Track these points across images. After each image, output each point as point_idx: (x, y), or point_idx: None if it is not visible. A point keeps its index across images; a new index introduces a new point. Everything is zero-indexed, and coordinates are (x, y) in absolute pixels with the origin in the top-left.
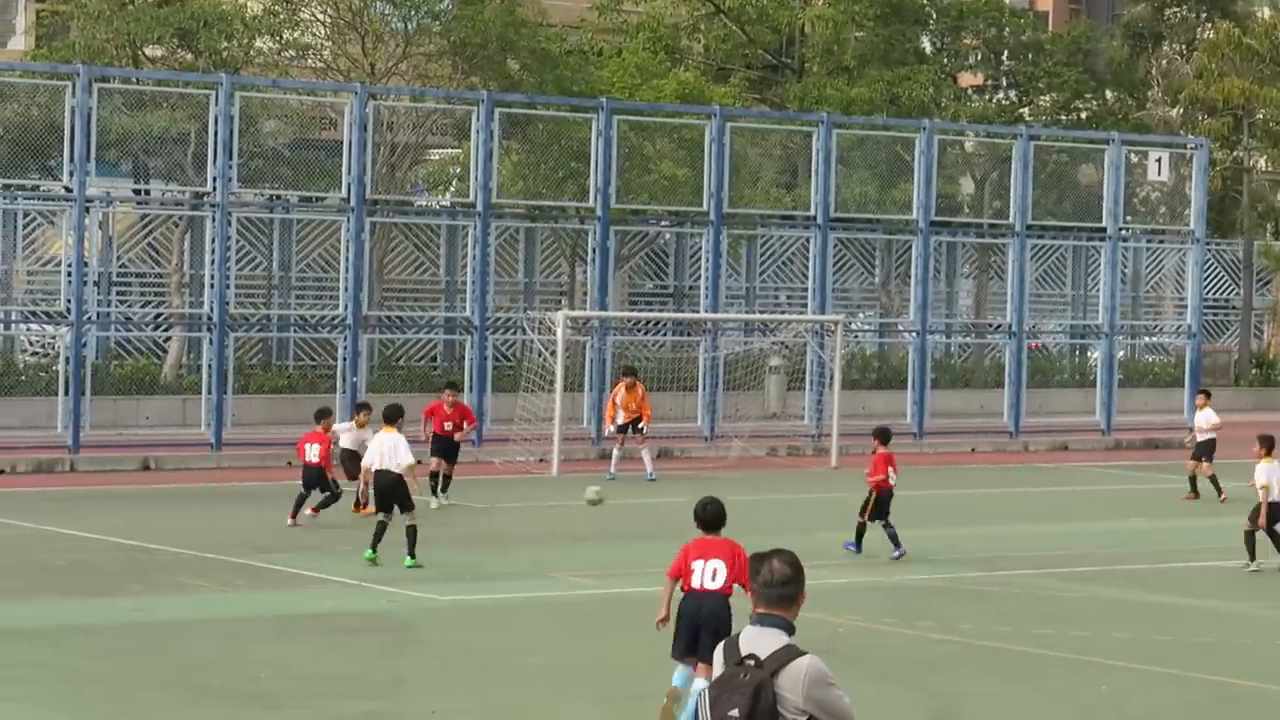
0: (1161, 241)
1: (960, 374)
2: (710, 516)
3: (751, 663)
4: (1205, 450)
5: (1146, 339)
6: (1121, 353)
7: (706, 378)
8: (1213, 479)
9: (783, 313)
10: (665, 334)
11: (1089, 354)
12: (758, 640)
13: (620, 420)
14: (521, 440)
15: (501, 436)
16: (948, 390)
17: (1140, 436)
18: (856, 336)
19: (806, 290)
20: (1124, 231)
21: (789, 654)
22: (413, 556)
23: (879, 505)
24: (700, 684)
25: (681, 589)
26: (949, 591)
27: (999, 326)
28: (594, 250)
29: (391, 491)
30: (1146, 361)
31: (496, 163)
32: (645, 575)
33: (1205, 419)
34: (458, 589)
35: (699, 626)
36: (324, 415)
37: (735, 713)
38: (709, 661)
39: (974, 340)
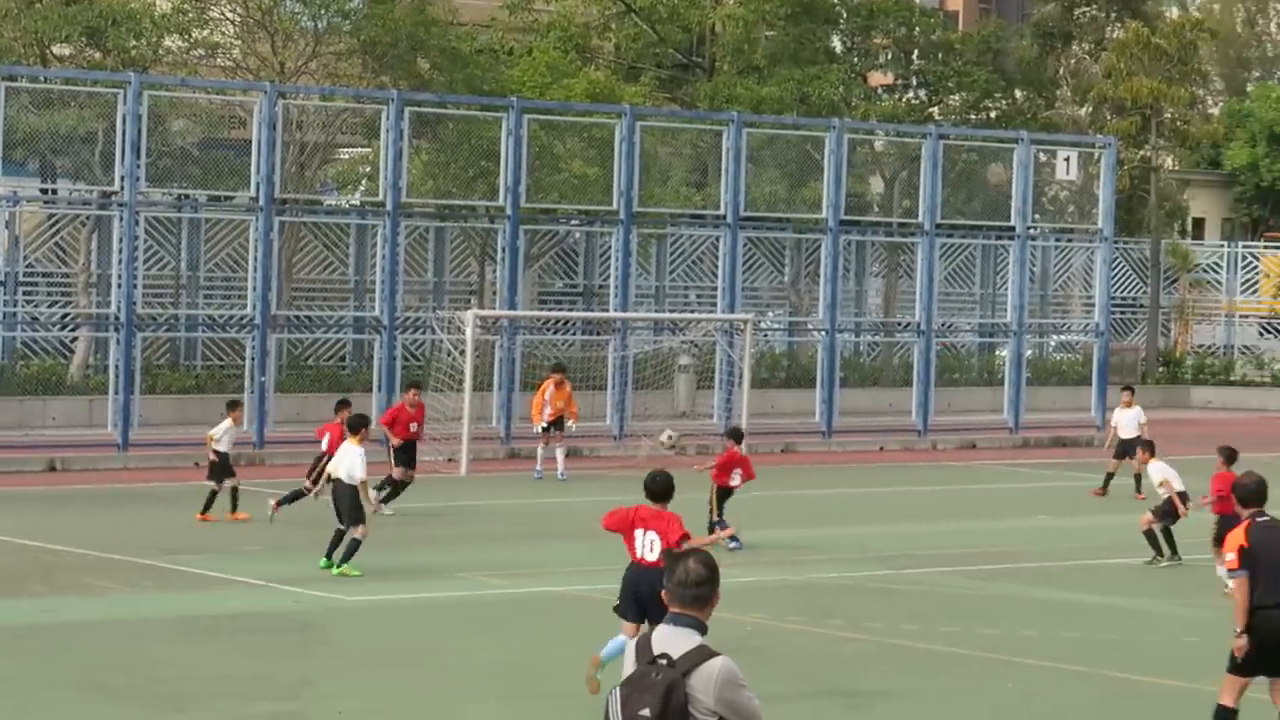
0: (1069, 240)
1: (869, 372)
2: (658, 488)
3: (664, 662)
4: (1130, 448)
5: (1054, 337)
6: (1030, 351)
7: (616, 377)
8: (1137, 477)
9: (692, 311)
10: (575, 333)
11: (997, 352)
12: (671, 640)
13: (548, 417)
14: (430, 440)
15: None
16: (857, 389)
17: (1048, 434)
18: (766, 335)
19: (716, 289)
20: (1032, 230)
21: (702, 654)
22: (340, 565)
23: (719, 500)
24: (622, 640)
25: (628, 553)
26: (857, 590)
27: (908, 325)
28: (504, 249)
29: (345, 502)
30: (1054, 360)
31: (406, 162)
32: (554, 575)
33: (1132, 417)
34: (365, 589)
35: (643, 596)
36: (344, 406)
37: (646, 712)
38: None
39: (883, 339)
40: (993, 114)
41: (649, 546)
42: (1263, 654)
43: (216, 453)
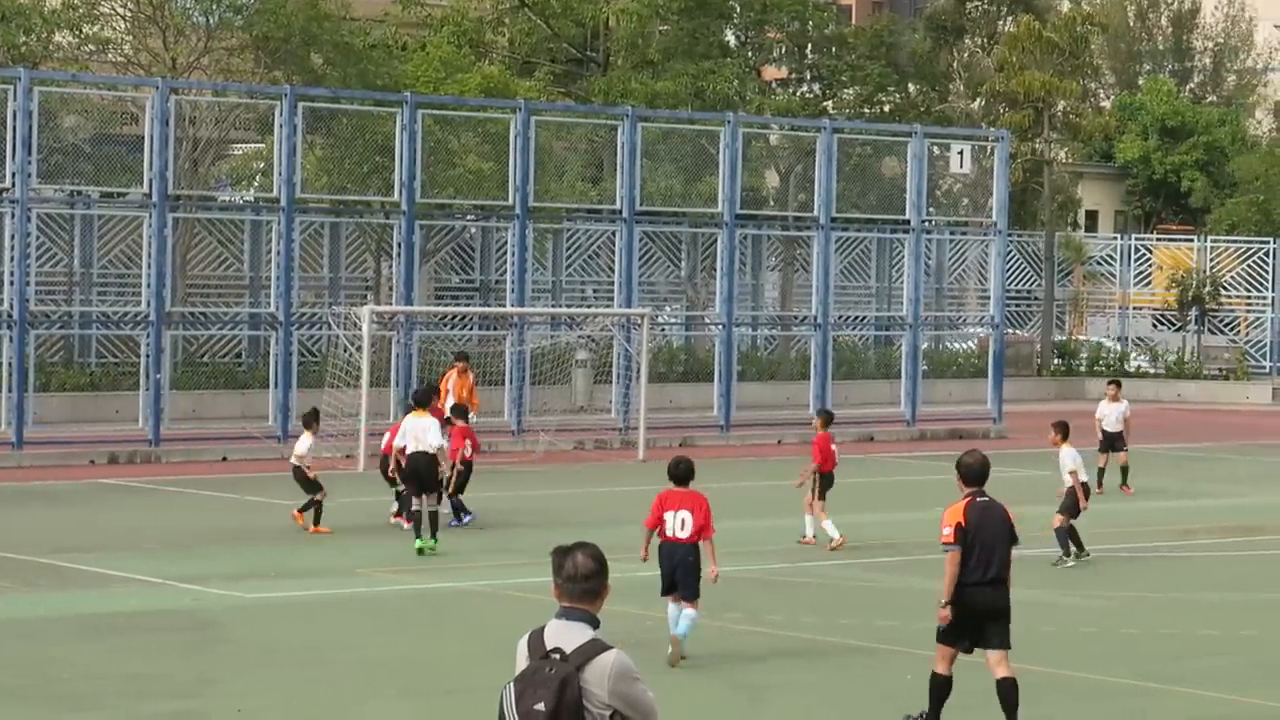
0: (964, 233)
1: (766, 366)
2: (681, 472)
3: (557, 656)
4: (1114, 442)
5: (950, 330)
6: (926, 344)
7: (513, 372)
8: (1123, 469)
9: (589, 306)
10: (471, 328)
11: (893, 345)
12: (563, 634)
13: (448, 410)
14: (327, 436)
15: None
16: (754, 382)
17: (945, 427)
18: (663, 329)
19: (613, 283)
20: (927, 224)
21: (594, 648)
22: (434, 538)
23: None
24: (674, 609)
25: (658, 537)
26: (756, 583)
27: (804, 319)
28: (399, 245)
29: (424, 472)
30: (950, 352)
31: (300, 157)
32: (453, 570)
33: (1117, 411)
34: (263, 586)
35: (674, 569)
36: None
37: (541, 706)
38: (686, 597)
39: (780, 332)
40: (886, 108)
41: (680, 525)
42: (969, 626)
43: (303, 468)
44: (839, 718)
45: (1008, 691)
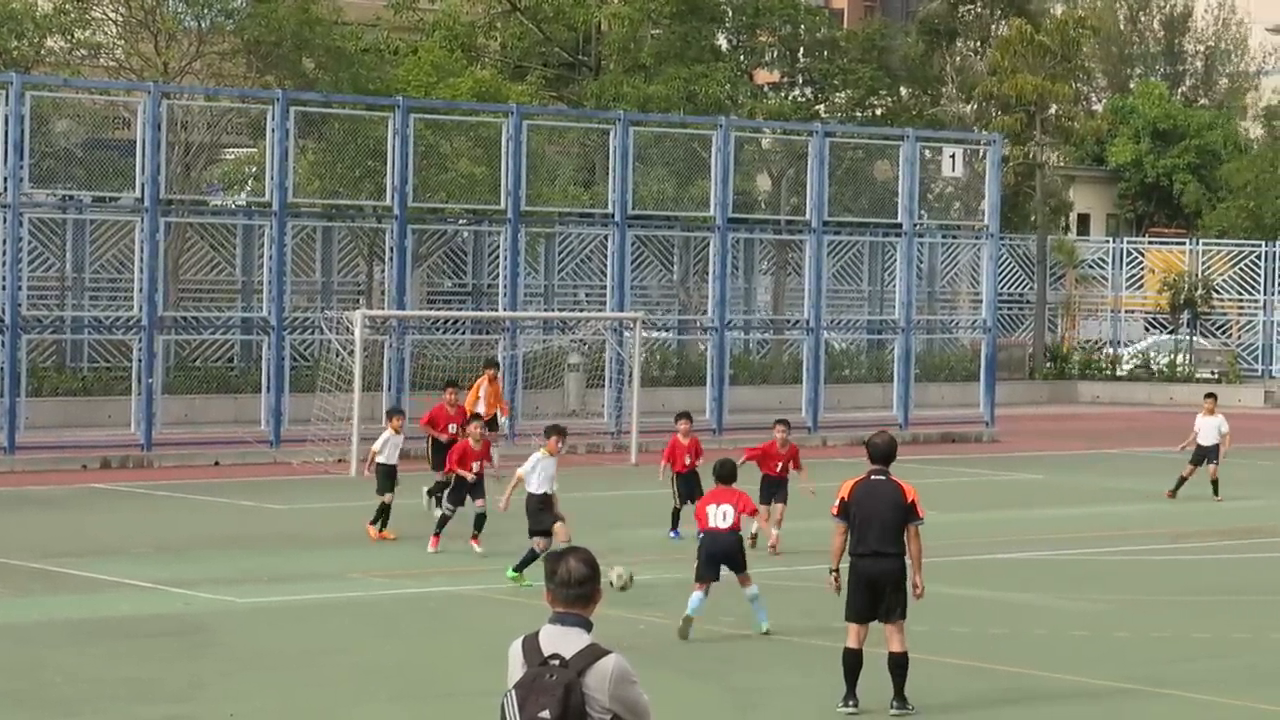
0: (956, 237)
1: (759, 370)
2: (726, 472)
3: (556, 663)
4: (1208, 455)
5: (942, 334)
6: (918, 347)
7: (505, 376)
8: (1214, 482)
9: (581, 310)
10: (464, 333)
11: (886, 349)
12: (559, 640)
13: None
14: (319, 441)
15: (299, 437)
16: (746, 386)
17: (937, 430)
18: (655, 333)
19: (605, 288)
20: (919, 227)
21: (594, 653)
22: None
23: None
24: (698, 596)
25: (699, 529)
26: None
27: (797, 322)
28: (391, 249)
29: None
30: (943, 356)
31: (292, 162)
32: (446, 575)
33: (1214, 424)
34: (256, 591)
35: (716, 557)
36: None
37: (546, 714)
38: (741, 574)
39: (772, 336)
40: (879, 111)
41: (722, 516)
42: (858, 597)
43: (381, 465)
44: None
45: (896, 663)
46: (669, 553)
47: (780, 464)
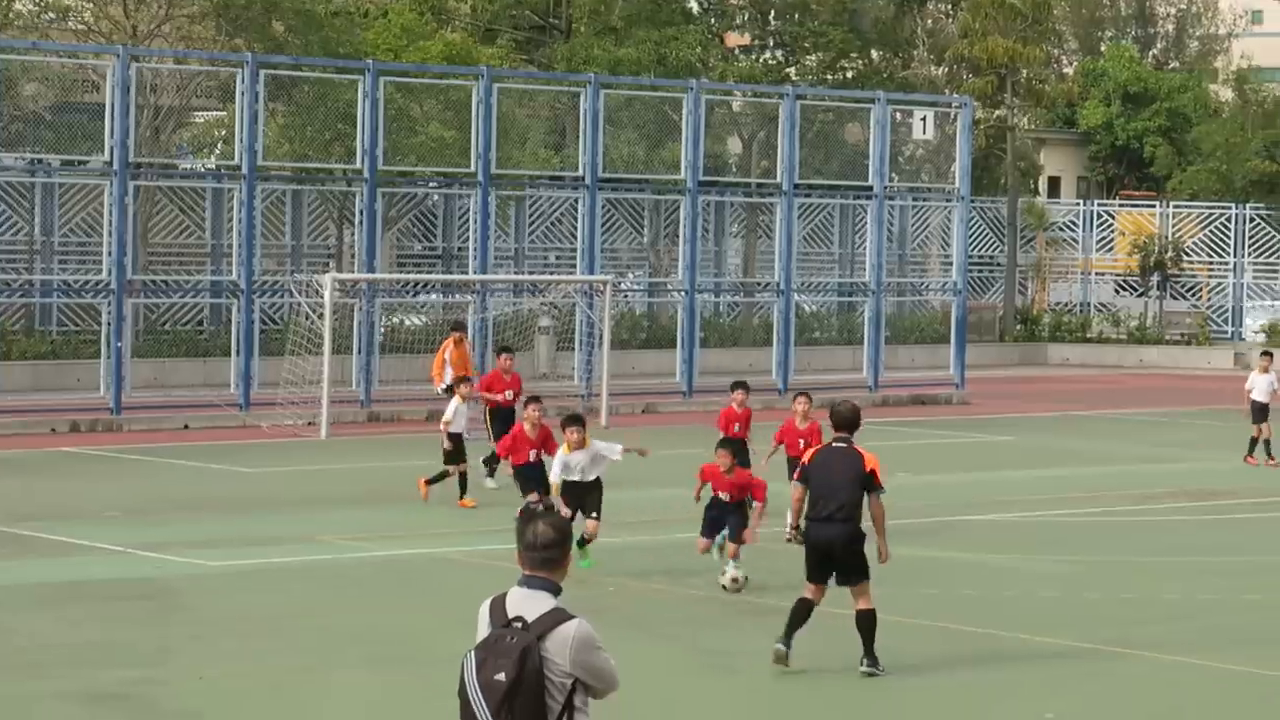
0: (927, 199)
1: (729, 332)
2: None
3: (519, 625)
4: (1262, 414)
5: (913, 296)
6: (888, 310)
7: (475, 339)
8: (1266, 443)
9: (552, 273)
10: (434, 295)
11: (856, 311)
12: (525, 602)
13: (449, 380)
14: (289, 404)
15: (269, 400)
16: (717, 349)
17: (907, 393)
18: (626, 296)
19: (575, 250)
20: (890, 190)
21: (556, 617)
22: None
23: None
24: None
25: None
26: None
27: (767, 285)
28: (361, 212)
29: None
30: (913, 318)
31: (262, 125)
32: (416, 538)
33: (1267, 382)
34: (226, 554)
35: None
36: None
37: (502, 676)
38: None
39: (743, 299)
40: (849, 74)
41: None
42: (812, 561)
43: (450, 436)
44: (800, 683)
45: (862, 621)
46: (640, 513)
47: (803, 440)
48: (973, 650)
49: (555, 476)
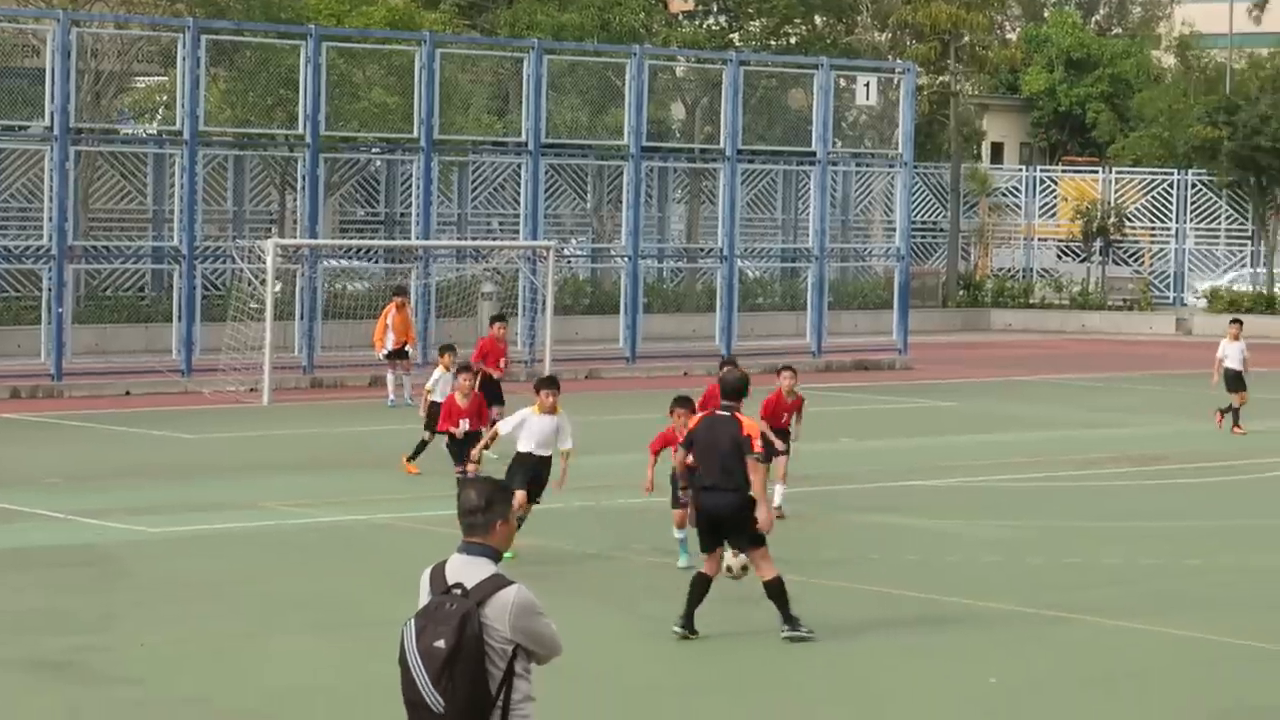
0: (870, 165)
1: (672, 298)
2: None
3: (458, 592)
4: (1238, 381)
5: (856, 262)
6: (832, 275)
7: (419, 305)
8: (1235, 411)
9: (495, 239)
10: (377, 261)
11: (799, 277)
12: (464, 569)
13: (390, 345)
14: (231, 370)
15: (211, 366)
16: (660, 314)
17: (850, 358)
18: (569, 262)
19: (518, 216)
20: (833, 155)
21: (496, 583)
22: None
23: None
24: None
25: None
26: (661, 514)
27: (710, 251)
28: (304, 178)
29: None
30: (856, 284)
31: (204, 90)
32: (358, 504)
33: (1238, 349)
34: (168, 520)
35: None
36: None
37: (441, 644)
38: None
39: (686, 265)
40: (793, 40)
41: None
42: (705, 528)
43: (435, 404)
44: (744, 649)
45: (770, 591)
46: (585, 479)
47: (786, 415)
48: (916, 615)
49: (507, 429)
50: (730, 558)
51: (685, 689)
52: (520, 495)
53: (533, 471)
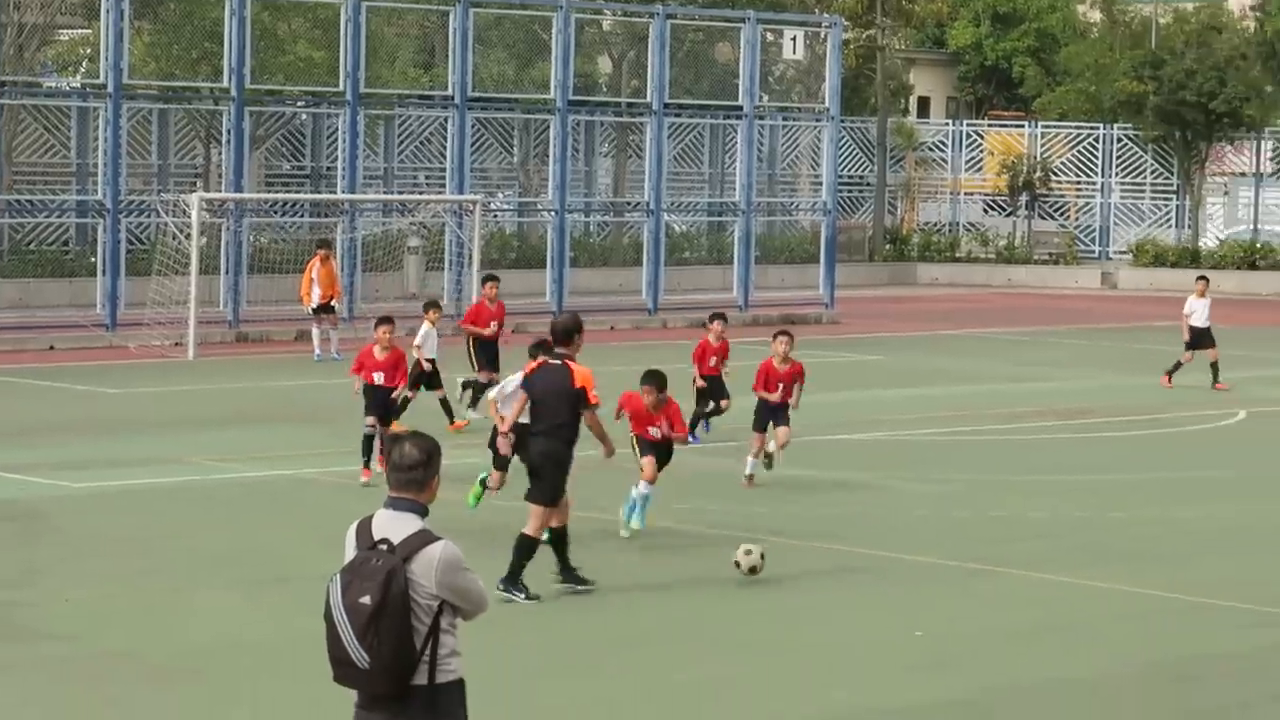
0: (797, 119)
1: (599, 252)
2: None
3: (384, 547)
4: (1205, 337)
5: (783, 216)
6: (758, 230)
7: (345, 259)
8: (1213, 365)
9: (421, 193)
10: (302, 215)
11: (726, 231)
12: (391, 524)
13: (316, 299)
14: (156, 324)
15: (136, 320)
16: (587, 269)
17: (777, 312)
18: (495, 216)
19: (445, 170)
20: (760, 110)
21: (422, 539)
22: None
23: None
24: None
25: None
26: (589, 469)
27: (637, 205)
28: (229, 132)
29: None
30: (783, 238)
31: (128, 43)
32: (284, 459)
33: (1205, 306)
34: (92, 475)
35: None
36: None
37: (367, 599)
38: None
39: (613, 219)
40: None
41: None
42: (529, 471)
43: (428, 360)
44: (659, 600)
45: (516, 543)
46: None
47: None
48: (841, 568)
49: (497, 394)
50: (742, 555)
51: (614, 642)
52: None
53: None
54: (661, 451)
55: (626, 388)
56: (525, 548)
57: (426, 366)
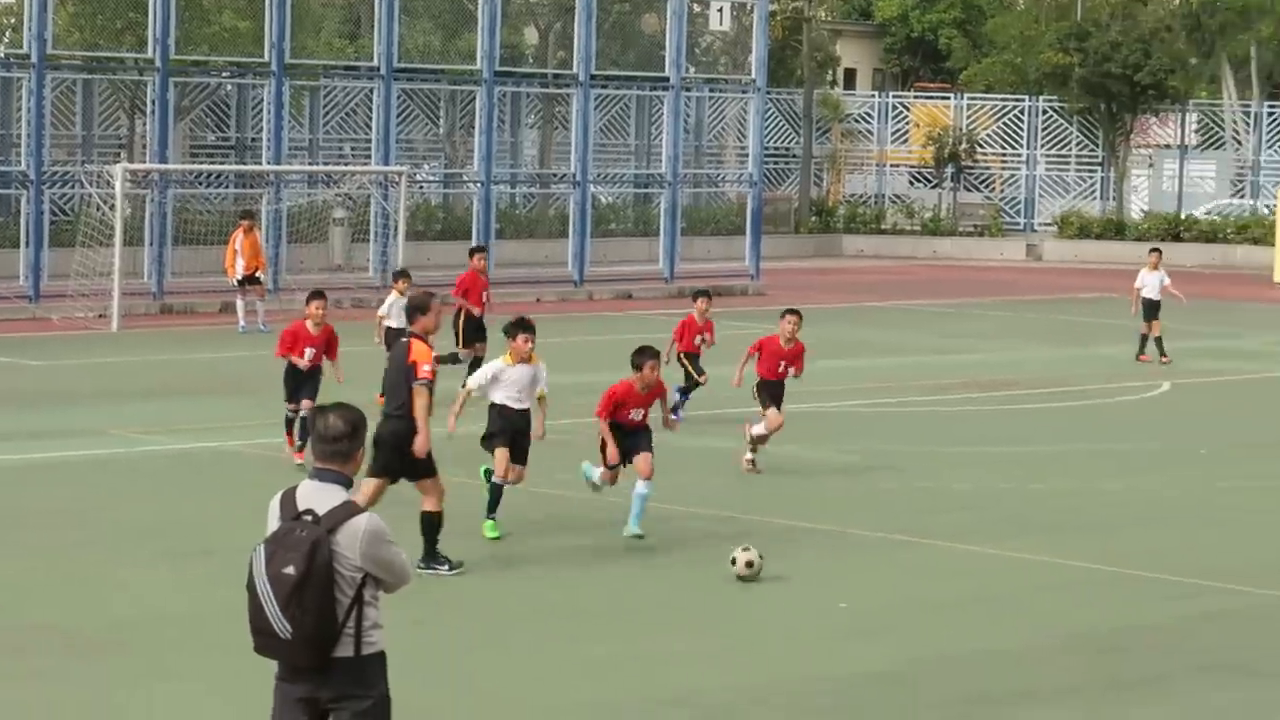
0: (723, 91)
1: (525, 224)
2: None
3: (309, 518)
4: (1154, 310)
5: (709, 188)
6: (685, 201)
7: (270, 230)
8: (1158, 340)
9: (346, 164)
10: (228, 186)
11: (652, 203)
12: (315, 495)
13: (241, 271)
14: (79, 296)
15: (59, 292)
16: (513, 240)
17: (703, 284)
18: (421, 187)
19: (370, 141)
20: (686, 81)
21: (347, 511)
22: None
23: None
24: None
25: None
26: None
27: (563, 177)
28: (153, 102)
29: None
30: (709, 210)
31: (51, 13)
32: (209, 431)
33: (1157, 279)
34: (15, 448)
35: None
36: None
37: (291, 570)
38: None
39: (539, 190)
40: None
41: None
42: (383, 455)
43: (390, 329)
44: (583, 576)
45: (422, 522)
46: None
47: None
48: (766, 540)
49: (477, 382)
50: (740, 553)
51: (537, 615)
52: (502, 455)
53: (513, 428)
54: (643, 439)
55: (559, 360)
56: (430, 524)
57: (378, 340)
